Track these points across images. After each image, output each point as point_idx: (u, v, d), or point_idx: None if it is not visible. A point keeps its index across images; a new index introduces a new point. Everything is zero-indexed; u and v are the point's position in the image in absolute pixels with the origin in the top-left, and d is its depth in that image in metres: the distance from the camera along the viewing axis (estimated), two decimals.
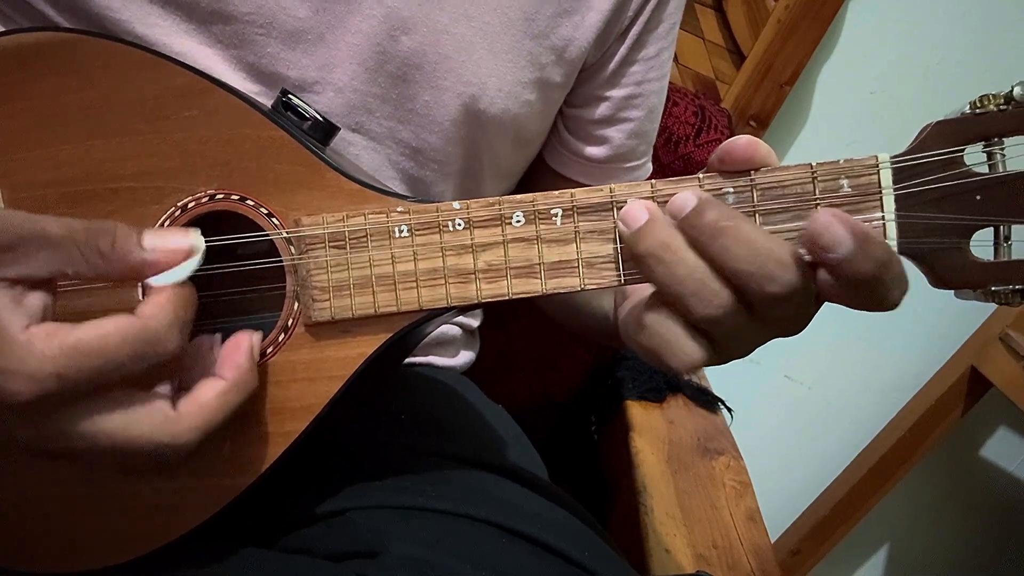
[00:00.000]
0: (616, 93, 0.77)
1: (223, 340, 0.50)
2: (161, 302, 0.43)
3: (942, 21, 1.34)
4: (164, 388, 0.46)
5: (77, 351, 0.40)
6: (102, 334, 0.41)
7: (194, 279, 0.46)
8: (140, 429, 0.43)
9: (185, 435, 0.44)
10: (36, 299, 0.42)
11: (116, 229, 0.43)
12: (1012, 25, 1.32)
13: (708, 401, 1.14)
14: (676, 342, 0.46)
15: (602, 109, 0.77)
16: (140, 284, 0.46)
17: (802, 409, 1.70)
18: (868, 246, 0.42)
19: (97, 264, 0.43)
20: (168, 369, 0.44)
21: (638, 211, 0.46)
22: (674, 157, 1.15)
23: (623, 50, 0.74)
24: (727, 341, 0.47)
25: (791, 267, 0.44)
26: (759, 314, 0.46)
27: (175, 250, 0.45)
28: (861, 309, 0.45)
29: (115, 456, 0.43)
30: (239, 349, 0.48)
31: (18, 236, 0.41)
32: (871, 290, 0.44)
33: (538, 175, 0.84)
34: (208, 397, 0.45)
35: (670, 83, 0.84)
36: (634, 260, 0.47)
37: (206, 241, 0.47)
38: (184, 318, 0.44)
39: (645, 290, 0.55)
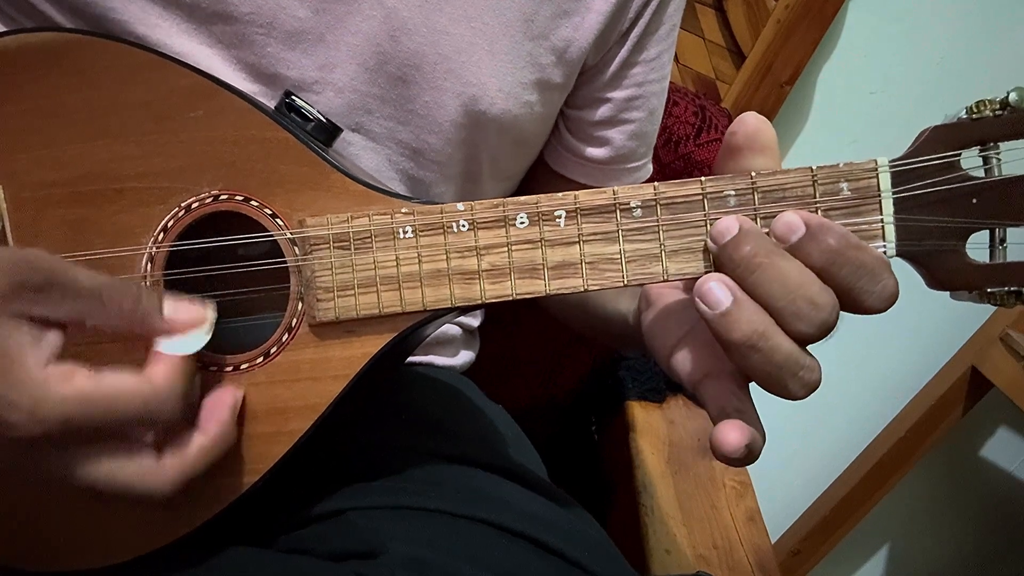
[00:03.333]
0: (617, 94, 0.77)
1: (216, 348, 0.51)
2: (172, 371, 0.45)
3: (942, 21, 1.33)
4: (149, 436, 0.47)
5: (90, 401, 0.41)
6: (117, 391, 0.42)
7: (199, 280, 0.46)
8: (123, 477, 0.44)
9: (165, 486, 0.46)
10: (54, 337, 0.43)
11: (141, 292, 0.45)
12: (1012, 25, 1.32)
13: None
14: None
15: (603, 110, 0.78)
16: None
17: (802, 409, 1.69)
18: (820, 234, 0.45)
19: (116, 321, 0.45)
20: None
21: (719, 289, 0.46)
22: (674, 157, 1.15)
23: (624, 52, 0.74)
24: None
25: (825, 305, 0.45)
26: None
27: (191, 322, 0.47)
28: (849, 310, 0.46)
29: (91, 493, 0.44)
30: (223, 405, 0.49)
31: (49, 279, 0.42)
32: (836, 286, 0.45)
33: (539, 176, 0.84)
34: (191, 452, 0.47)
35: (670, 83, 0.84)
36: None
37: (208, 241, 0.47)
38: (187, 389, 0.46)
39: (669, 295, 0.56)
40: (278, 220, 0.52)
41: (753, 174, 0.47)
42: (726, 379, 0.49)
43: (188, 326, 0.47)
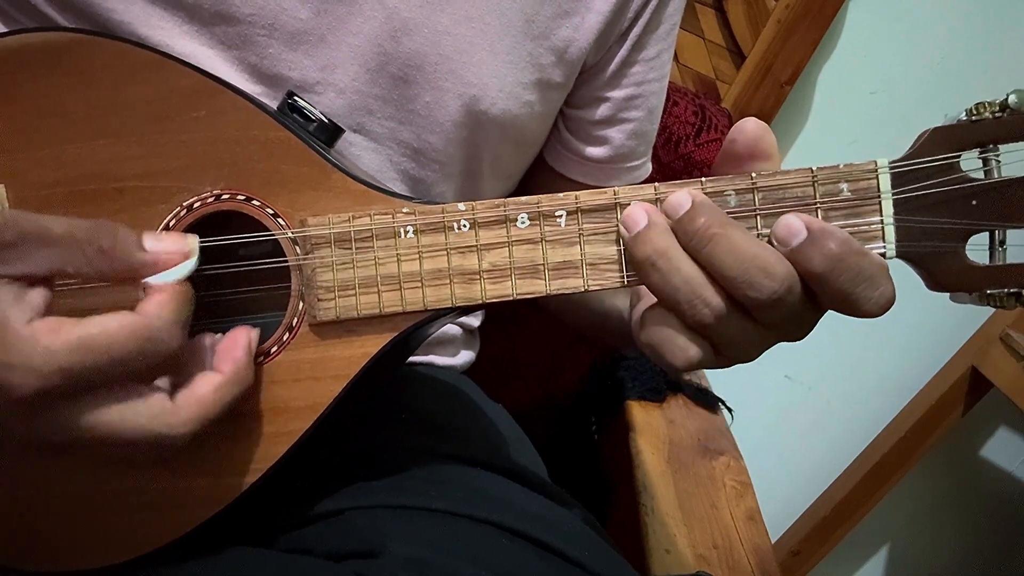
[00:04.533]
0: (616, 94, 0.77)
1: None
2: (163, 300, 0.44)
3: (942, 20, 1.34)
4: (162, 381, 0.47)
5: (82, 346, 0.40)
6: (107, 330, 0.41)
7: (199, 279, 0.46)
8: (138, 420, 0.43)
9: (182, 426, 0.44)
10: (37, 295, 0.42)
11: (117, 229, 0.44)
12: (1012, 25, 1.32)
13: (708, 401, 1.14)
14: (674, 341, 0.48)
15: (603, 110, 0.78)
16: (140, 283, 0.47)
17: (802, 409, 1.70)
18: (822, 239, 0.45)
19: (98, 263, 0.43)
20: (166, 364, 0.45)
21: (638, 215, 0.47)
22: (674, 157, 1.15)
23: (623, 51, 0.74)
24: (727, 344, 0.48)
25: (776, 274, 0.45)
26: (757, 319, 0.47)
27: (173, 251, 0.46)
28: (844, 313, 0.46)
29: (113, 448, 0.44)
30: (236, 344, 0.49)
31: (20, 234, 0.41)
32: (836, 290, 0.45)
33: (538, 175, 0.84)
34: (205, 390, 0.46)
35: (670, 83, 0.84)
36: (632, 264, 0.48)
37: (211, 241, 0.47)
38: (185, 316, 0.45)
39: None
40: (280, 220, 0.52)
41: (753, 175, 0.47)
42: None
43: (173, 255, 0.46)
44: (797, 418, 1.70)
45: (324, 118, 0.53)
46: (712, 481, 0.99)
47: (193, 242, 0.47)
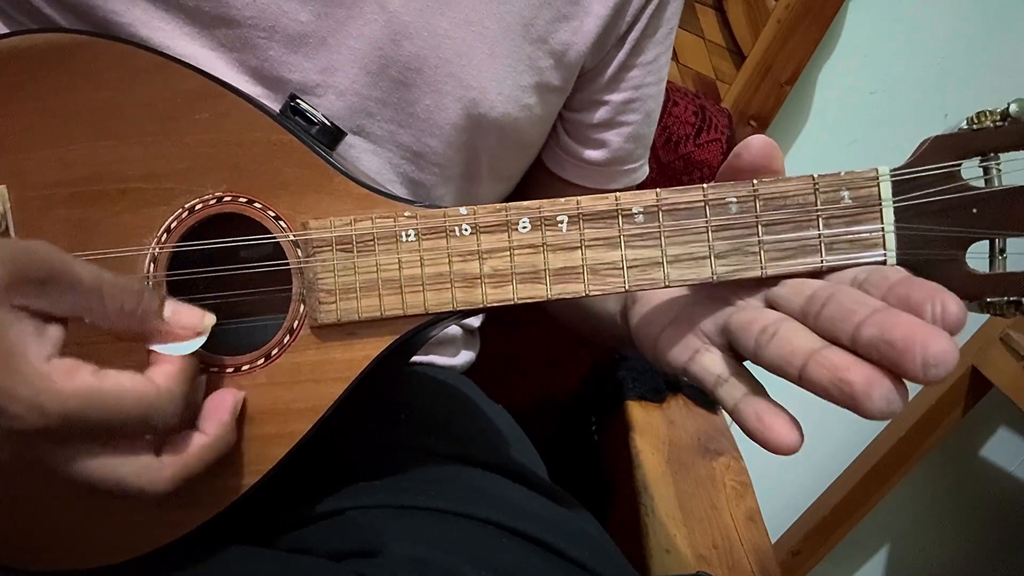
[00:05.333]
0: (615, 97, 0.77)
1: (218, 349, 0.51)
2: (173, 373, 0.45)
3: (943, 21, 1.33)
4: (148, 435, 0.47)
5: (92, 398, 0.41)
6: (121, 390, 0.42)
7: (201, 281, 0.46)
8: (122, 474, 0.44)
9: (163, 484, 0.45)
10: (55, 331, 0.42)
11: (143, 293, 0.45)
12: (1012, 25, 1.32)
13: (708, 401, 1.14)
14: None
15: (601, 113, 0.78)
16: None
17: (802, 409, 1.69)
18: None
19: (116, 320, 0.44)
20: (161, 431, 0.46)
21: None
22: (674, 157, 1.15)
23: (621, 55, 0.74)
24: None
25: None
26: None
27: (188, 327, 0.47)
28: None
29: (91, 489, 0.44)
30: (223, 406, 0.49)
31: (50, 273, 0.41)
32: None
33: (537, 178, 0.84)
34: (191, 452, 0.47)
35: (670, 83, 0.84)
36: None
37: (213, 243, 0.47)
38: (188, 391, 0.46)
39: (655, 296, 0.56)
40: (281, 222, 0.52)
41: (755, 182, 0.47)
42: (718, 352, 0.49)
43: (187, 331, 0.47)
44: (797, 418, 1.70)
45: (326, 121, 0.54)
46: (712, 481, 0.99)
47: (209, 321, 0.48)
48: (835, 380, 0.40)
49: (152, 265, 0.52)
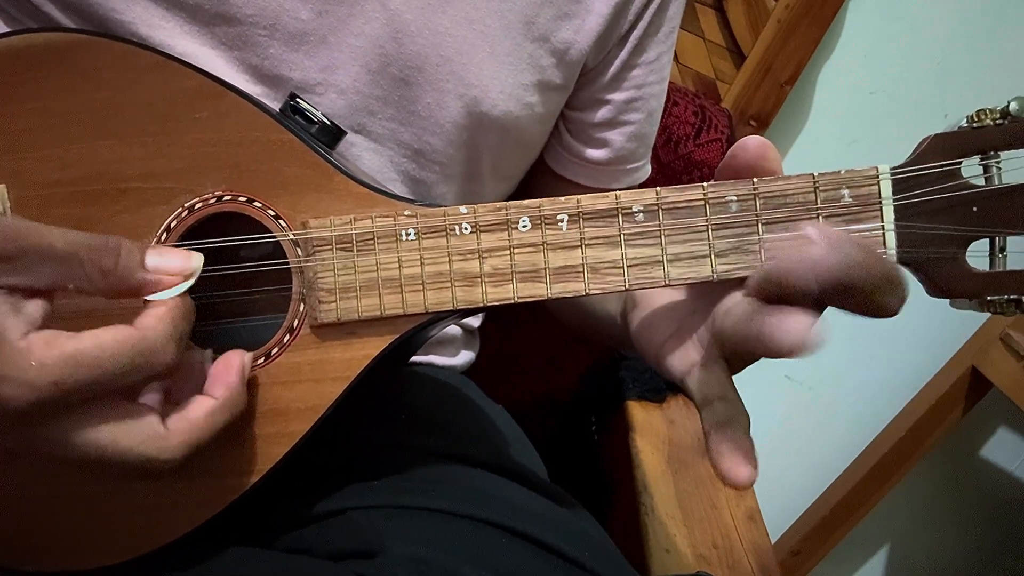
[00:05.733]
0: (617, 96, 0.77)
1: (217, 348, 0.50)
2: (160, 314, 0.44)
3: (942, 21, 1.33)
4: (154, 401, 0.46)
5: (75, 360, 0.40)
6: (100, 344, 0.41)
7: (200, 281, 0.46)
8: (129, 442, 0.43)
9: (173, 451, 0.44)
10: (35, 307, 0.42)
11: (120, 248, 0.43)
12: (1012, 25, 1.32)
13: None
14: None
15: (603, 112, 0.78)
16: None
17: (802, 409, 1.69)
18: (838, 242, 0.42)
19: (98, 281, 0.43)
20: (160, 379, 0.45)
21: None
22: (674, 157, 1.15)
23: (623, 54, 0.74)
24: None
25: None
26: None
27: (175, 271, 0.45)
28: (861, 315, 0.45)
29: (102, 464, 0.43)
30: (231, 368, 0.48)
31: (22, 247, 0.40)
32: (856, 293, 0.43)
33: (538, 177, 0.84)
34: (198, 415, 0.45)
35: (670, 83, 0.84)
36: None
37: (212, 243, 0.47)
38: (182, 331, 0.44)
39: (655, 297, 0.56)
40: (281, 221, 0.52)
41: (755, 180, 0.47)
42: (713, 368, 0.49)
43: (175, 277, 0.45)
44: (797, 418, 1.70)
45: (326, 120, 0.54)
46: (712, 481, 0.99)
47: (197, 261, 0.46)
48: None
49: None
